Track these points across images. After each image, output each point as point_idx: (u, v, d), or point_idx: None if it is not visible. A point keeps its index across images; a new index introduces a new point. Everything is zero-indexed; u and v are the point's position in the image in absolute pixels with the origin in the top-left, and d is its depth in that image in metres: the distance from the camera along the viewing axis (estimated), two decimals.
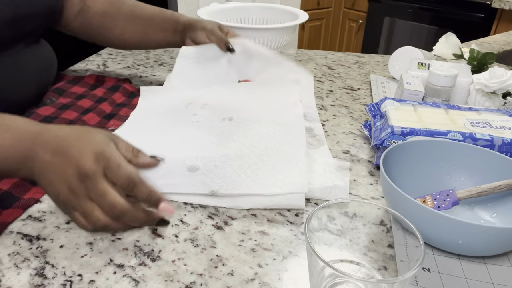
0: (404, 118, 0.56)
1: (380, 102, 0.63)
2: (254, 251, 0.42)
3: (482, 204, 0.48)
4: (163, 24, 0.75)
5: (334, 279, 0.35)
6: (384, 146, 0.54)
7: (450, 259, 0.41)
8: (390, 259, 0.38)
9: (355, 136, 0.65)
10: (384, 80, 0.89)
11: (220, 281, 0.38)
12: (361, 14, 2.93)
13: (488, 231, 0.37)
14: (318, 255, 0.30)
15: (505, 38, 1.30)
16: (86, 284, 0.37)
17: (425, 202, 0.45)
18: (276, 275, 0.39)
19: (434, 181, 0.50)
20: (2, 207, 0.45)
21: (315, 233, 0.38)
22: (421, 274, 0.38)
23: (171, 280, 0.38)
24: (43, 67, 0.67)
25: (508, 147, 0.51)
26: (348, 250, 0.39)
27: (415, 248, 0.34)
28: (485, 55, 0.77)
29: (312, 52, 1.10)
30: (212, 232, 0.44)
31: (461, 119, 0.56)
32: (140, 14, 0.75)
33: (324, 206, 0.37)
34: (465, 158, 0.49)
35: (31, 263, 0.39)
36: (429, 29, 2.41)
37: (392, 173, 0.45)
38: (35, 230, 0.43)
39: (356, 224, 0.40)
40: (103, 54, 1.01)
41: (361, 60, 1.04)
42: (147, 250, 0.41)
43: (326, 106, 0.76)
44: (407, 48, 0.86)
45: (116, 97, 0.72)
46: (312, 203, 0.49)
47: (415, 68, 0.75)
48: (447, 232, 0.39)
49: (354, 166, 0.57)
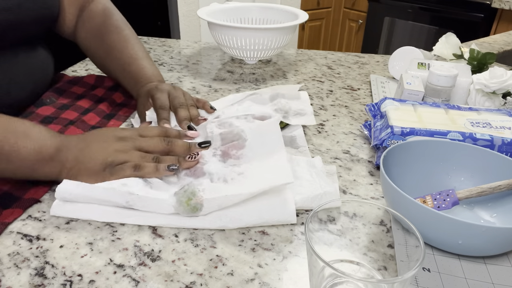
0: (404, 118, 0.56)
1: (380, 102, 0.63)
2: (254, 251, 0.42)
3: (482, 204, 0.47)
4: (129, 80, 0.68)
5: (334, 279, 0.35)
6: (384, 146, 0.54)
7: (450, 259, 0.41)
8: (390, 259, 0.38)
9: (355, 136, 0.65)
10: (384, 80, 0.89)
11: (220, 281, 0.38)
12: (361, 14, 2.93)
13: (488, 231, 0.37)
14: (318, 255, 0.30)
15: (505, 38, 1.30)
16: (86, 284, 0.37)
17: (425, 202, 0.45)
18: (276, 275, 0.39)
19: (434, 181, 0.50)
20: (2, 207, 0.45)
21: (315, 233, 0.38)
22: (421, 274, 0.38)
23: (171, 280, 0.38)
24: (38, 69, 0.66)
25: (508, 147, 0.51)
26: (348, 250, 0.39)
27: (415, 248, 0.34)
28: (485, 55, 0.77)
29: (312, 52, 1.10)
30: (212, 232, 0.44)
31: (461, 119, 0.56)
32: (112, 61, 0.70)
33: (324, 206, 0.37)
34: (465, 158, 0.49)
35: (31, 263, 0.39)
36: (429, 29, 2.41)
37: (392, 173, 0.45)
38: (35, 230, 0.43)
39: (356, 224, 0.40)
40: None
41: (361, 60, 1.04)
42: (147, 250, 0.41)
43: (326, 106, 0.76)
44: (407, 48, 0.86)
45: (116, 97, 0.72)
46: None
47: (415, 68, 0.75)
48: (447, 232, 0.39)
49: (354, 166, 0.57)
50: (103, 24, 0.70)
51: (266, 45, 0.90)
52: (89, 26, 0.71)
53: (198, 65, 0.96)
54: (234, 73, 0.92)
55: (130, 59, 0.68)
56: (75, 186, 0.45)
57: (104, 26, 0.70)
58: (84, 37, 0.71)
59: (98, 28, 0.70)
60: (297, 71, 0.94)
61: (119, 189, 0.44)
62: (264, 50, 0.91)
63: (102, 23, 0.70)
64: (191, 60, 1.00)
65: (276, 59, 1.03)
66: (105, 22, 0.70)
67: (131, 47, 0.69)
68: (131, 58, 0.68)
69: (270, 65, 0.98)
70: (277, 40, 0.90)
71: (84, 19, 0.71)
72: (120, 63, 0.68)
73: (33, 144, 0.45)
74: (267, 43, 0.89)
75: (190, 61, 0.98)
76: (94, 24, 0.70)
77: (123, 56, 0.68)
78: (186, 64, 0.96)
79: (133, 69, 0.67)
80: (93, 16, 0.71)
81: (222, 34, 0.89)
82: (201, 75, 0.90)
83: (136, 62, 0.68)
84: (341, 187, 0.52)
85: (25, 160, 0.44)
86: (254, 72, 0.93)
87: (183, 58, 1.00)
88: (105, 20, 0.70)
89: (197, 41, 1.15)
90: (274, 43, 0.90)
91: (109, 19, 0.71)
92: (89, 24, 0.71)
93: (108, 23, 0.70)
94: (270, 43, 0.90)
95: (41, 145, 0.45)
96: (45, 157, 0.45)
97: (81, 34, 0.72)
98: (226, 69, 0.94)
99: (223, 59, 1.01)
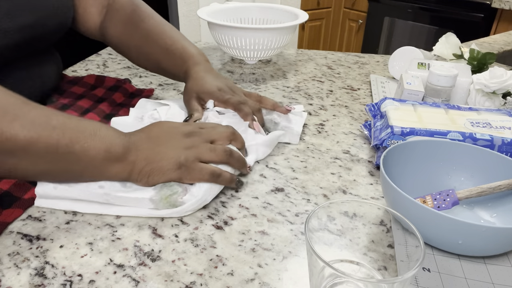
0: (404, 118, 0.56)
1: (380, 102, 0.63)
2: (254, 251, 0.42)
3: (482, 204, 0.48)
4: (174, 60, 0.68)
5: (334, 279, 0.35)
6: (384, 146, 0.54)
7: (450, 259, 0.41)
8: (390, 259, 0.38)
9: (355, 136, 0.65)
10: (384, 80, 0.89)
11: (220, 281, 0.38)
12: (361, 14, 2.93)
13: (488, 231, 0.37)
14: (318, 255, 0.30)
15: (505, 38, 1.30)
16: (86, 284, 0.37)
17: (425, 202, 0.45)
18: (276, 275, 0.39)
19: (434, 181, 0.50)
20: (2, 207, 0.45)
21: (315, 233, 0.38)
22: (421, 274, 0.38)
23: (171, 280, 0.38)
24: (49, 75, 0.67)
25: (508, 147, 0.51)
26: (348, 250, 0.39)
27: (415, 248, 0.34)
28: (485, 55, 0.77)
29: (312, 52, 1.10)
30: (212, 232, 0.44)
31: (461, 119, 0.56)
32: (152, 45, 0.69)
33: (324, 206, 0.37)
34: (465, 158, 0.49)
35: (31, 263, 0.39)
36: (429, 29, 2.41)
37: (392, 173, 0.45)
38: (35, 230, 0.43)
39: (356, 224, 0.40)
40: (103, 54, 1.01)
41: (361, 60, 1.04)
42: (147, 250, 0.41)
43: (326, 106, 0.76)
44: (407, 48, 0.86)
45: (116, 97, 0.72)
46: (312, 203, 0.49)
47: (415, 68, 0.75)
48: (447, 232, 0.39)
49: (354, 166, 0.57)
50: (134, 13, 0.70)
51: (266, 45, 0.90)
52: (119, 17, 0.70)
53: None
54: (234, 73, 0.92)
55: (171, 40, 0.68)
56: (52, 188, 0.45)
57: (136, 14, 0.70)
58: (114, 30, 0.71)
59: (129, 17, 0.70)
60: (297, 71, 0.94)
61: (95, 191, 0.45)
62: (264, 50, 0.91)
63: (132, 12, 0.70)
64: None
65: (276, 59, 1.03)
66: (135, 11, 0.70)
67: (169, 30, 0.69)
68: (172, 39, 0.68)
69: (270, 65, 0.98)
70: (277, 40, 0.90)
71: (113, 12, 0.71)
72: (162, 44, 0.68)
73: (102, 143, 0.44)
74: (267, 43, 0.89)
75: None
76: (124, 14, 0.70)
77: (164, 38, 0.68)
78: None
79: (177, 47, 0.67)
80: (121, 8, 0.71)
81: (222, 34, 0.89)
82: None
83: (179, 42, 0.68)
84: (341, 187, 0.52)
85: (94, 160, 0.44)
86: (254, 72, 0.93)
87: None
88: (134, 8, 0.70)
89: (197, 41, 1.15)
90: (274, 43, 0.90)
91: (138, 7, 0.71)
92: (119, 15, 0.70)
93: (140, 11, 0.70)
94: (270, 43, 0.90)
95: (109, 144, 0.45)
96: (114, 157, 0.45)
97: (110, 28, 0.71)
98: (226, 69, 0.94)
99: (223, 59, 1.01)
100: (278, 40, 0.90)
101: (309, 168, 0.56)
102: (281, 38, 0.90)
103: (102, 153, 0.44)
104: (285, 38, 0.91)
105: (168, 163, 0.46)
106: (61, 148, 0.42)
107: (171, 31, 0.69)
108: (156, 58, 0.69)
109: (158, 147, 0.47)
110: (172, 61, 0.68)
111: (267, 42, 0.89)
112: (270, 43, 0.89)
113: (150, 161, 0.46)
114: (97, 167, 0.45)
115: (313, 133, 0.66)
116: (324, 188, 0.52)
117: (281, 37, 0.90)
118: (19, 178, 0.46)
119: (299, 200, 0.50)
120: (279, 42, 0.90)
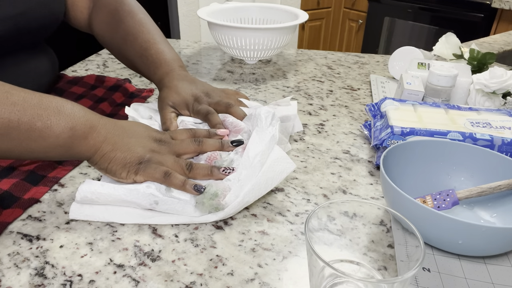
0: (404, 118, 0.56)
1: (380, 102, 0.63)
2: (254, 251, 0.42)
3: (482, 204, 0.48)
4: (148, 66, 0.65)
5: (334, 279, 0.35)
6: (384, 146, 0.54)
7: (450, 259, 0.41)
8: (390, 259, 0.38)
9: (355, 136, 0.65)
10: (384, 80, 0.89)
11: (220, 281, 0.38)
12: (361, 14, 2.93)
13: (488, 231, 0.37)
14: (318, 255, 0.30)
15: (505, 38, 1.30)
16: (86, 284, 0.37)
17: (425, 202, 0.45)
18: (276, 275, 0.39)
19: (434, 181, 0.50)
20: (2, 207, 0.45)
21: (315, 233, 0.38)
22: (421, 274, 0.38)
23: (171, 280, 0.38)
24: (42, 71, 0.66)
25: (508, 147, 0.51)
26: (348, 250, 0.39)
27: (415, 248, 0.34)
28: (485, 55, 0.77)
29: (312, 52, 1.10)
30: (212, 232, 0.44)
31: (461, 119, 0.56)
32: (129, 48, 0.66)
33: (324, 206, 0.37)
34: (465, 158, 0.49)
35: (31, 263, 0.39)
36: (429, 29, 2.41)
37: (392, 173, 0.45)
38: (35, 230, 0.43)
39: (356, 224, 0.40)
40: (103, 54, 1.01)
41: (361, 60, 1.04)
42: (147, 250, 0.41)
43: (326, 106, 0.76)
44: (407, 48, 0.86)
45: (116, 97, 0.72)
46: (312, 203, 0.49)
47: (415, 68, 0.75)
48: (447, 232, 0.39)
49: (354, 166, 0.57)
50: (116, 11, 0.68)
51: (266, 45, 0.90)
52: (102, 16, 0.69)
53: (198, 65, 0.96)
54: (234, 73, 0.92)
55: (147, 43, 0.65)
56: (99, 185, 0.44)
57: (117, 13, 0.67)
58: (99, 27, 0.69)
59: (111, 15, 0.68)
60: (297, 71, 0.94)
61: (144, 191, 0.44)
62: (264, 50, 0.91)
63: (115, 10, 0.68)
64: (191, 60, 1.00)
65: (276, 59, 1.03)
66: (117, 9, 0.68)
67: (147, 31, 0.66)
68: (148, 42, 0.65)
69: (270, 65, 0.98)
70: (277, 40, 0.90)
71: (97, 9, 0.70)
72: (137, 48, 0.65)
73: (67, 121, 0.43)
74: (267, 43, 0.89)
75: (190, 61, 0.98)
76: (107, 12, 0.68)
77: (139, 41, 0.65)
78: (186, 64, 0.96)
79: (151, 53, 0.64)
80: (105, 4, 0.69)
81: (222, 34, 0.89)
82: (201, 75, 0.90)
83: (154, 46, 0.64)
84: (341, 187, 0.52)
85: (58, 137, 0.42)
86: (254, 72, 0.93)
87: (183, 58, 1.00)
88: (117, 6, 0.68)
89: (197, 41, 1.15)
90: (274, 43, 0.90)
91: (121, 5, 0.68)
92: (102, 13, 0.69)
93: (121, 9, 0.68)
94: (270, 43, 0.90)
95: (75, 122, 0.43)
96: (80, 135, 0.44)
97: (96, 25, 0.70)
98: (226, 69, 0.94)
99: (223, 59, 1.01)
100: (278, 40, 0.90)
101: (309, 168, 0.56)
102: (281, 38, 0.90)
103: (67, 131, 0.43)
104: (285, 38, 0.91)
105: (132, 156, 0.46)
106: (22, 125, 0.40)
107: (148, 33, 0.66)
108: (133, 61, 0.67)
109: (128, 139, 0.47)
110: (145, 66, 0.65)
111: (267, 42, 0.89)
112: (270, 43, 0.89)
113: (116, 148, 0.45)
114: (62, 145, 0.43)
115: (313, 133, 0.66)
116: (324, 188, 0.52)
117: (281, 37, 0.90)
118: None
119: (299, 200, 0.50)
120: (279, 42, 0.91)
